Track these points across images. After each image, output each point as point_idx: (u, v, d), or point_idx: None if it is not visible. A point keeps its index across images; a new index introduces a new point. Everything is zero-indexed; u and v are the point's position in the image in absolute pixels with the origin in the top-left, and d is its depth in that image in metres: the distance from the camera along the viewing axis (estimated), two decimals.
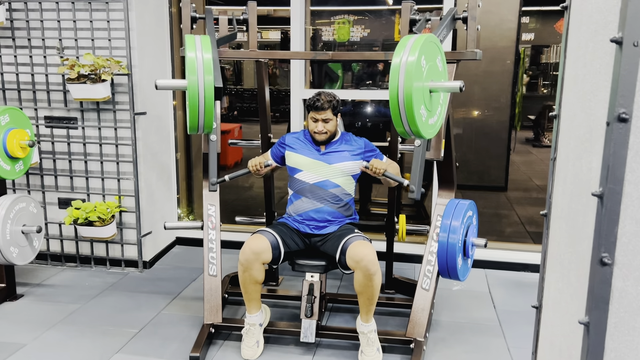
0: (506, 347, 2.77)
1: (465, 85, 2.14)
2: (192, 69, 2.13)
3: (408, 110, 2.01)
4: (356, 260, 2.44)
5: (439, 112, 2.26)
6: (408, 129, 2.07)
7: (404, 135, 2.14)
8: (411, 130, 2.07)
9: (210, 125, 2.24)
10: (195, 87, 2.12)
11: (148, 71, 3.61)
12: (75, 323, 2.96)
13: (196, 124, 2.21)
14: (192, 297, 3.31)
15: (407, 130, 2.08)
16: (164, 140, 3.94)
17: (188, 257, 3.97)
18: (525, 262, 3.74)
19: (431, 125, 2.19)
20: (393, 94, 2.02)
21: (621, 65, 0.86)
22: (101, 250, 3.72)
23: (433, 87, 2.15)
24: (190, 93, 2.13)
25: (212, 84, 2.13)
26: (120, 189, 3.60)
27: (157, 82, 2.22)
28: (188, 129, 2.26)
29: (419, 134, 2.09)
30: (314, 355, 2.66)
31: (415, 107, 2.01)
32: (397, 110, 2.03)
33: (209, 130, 2.26)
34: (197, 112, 2.16)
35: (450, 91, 2.18)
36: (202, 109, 2.16)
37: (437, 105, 2.23)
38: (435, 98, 2.22)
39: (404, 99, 2.00)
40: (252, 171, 2.72)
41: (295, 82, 3.72)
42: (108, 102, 3.50)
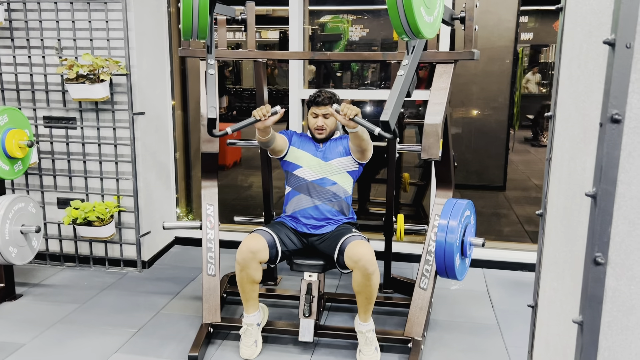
0: (504, 346, 2.78)
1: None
2: None
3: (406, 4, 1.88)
4: (354, 260, 2.45)
5: (437, 10, 2.10)
6: (407, 26, 1.89)
7: (400, 33, 1.95)
8: (410, 28, 1.89)
9: (204, 30, 2.10)
10: None
11: (147, 71, 3.61)
12: (74, 323, 2.97)
13: (190, 27, 2.08)
14: (190, 296, 3.32)
15: (406, 28, 1.90)
16: (163, 140, 3.95)
17: (187, 256, 3.98)
18: (524, 262, 3.75)
19: (430, 24, 2.02)
20: None
21: (614, 67, 0.87)
22: (100, 250, 3.73)
23: None
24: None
25: None
26: (119, 188, 3.61)
27: None
28: (182, 34, 2.14)
29: (418, 31, 1.91)
30: (312, 355, 2.67)
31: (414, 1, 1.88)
32: (395, 6, 1.86)
33: (203, 36, 2.13)
34: (191, 11, 2.04)
35: None
36: (196, 7, 2.04)
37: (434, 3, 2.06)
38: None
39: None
40: (257, 117, 2.45)
41: (294, 82, 3.72)
42: (107, 102, 3.50)
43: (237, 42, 7.42)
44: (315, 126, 2.71)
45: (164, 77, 3.92)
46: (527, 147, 6.76)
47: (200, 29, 2.10)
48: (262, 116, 2.43)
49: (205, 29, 2.10)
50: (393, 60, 2.85)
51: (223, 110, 7.85)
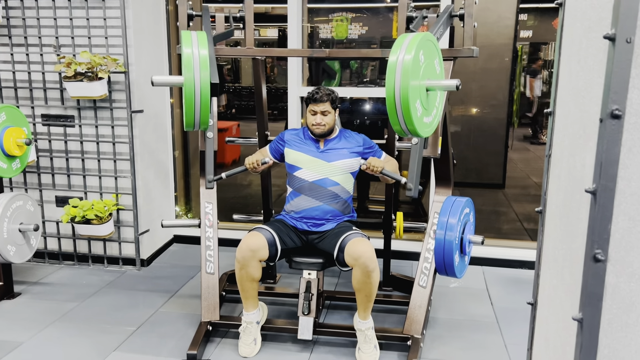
0: (503, 344, 2.77)
1: (462, 83, 2.14)
2: (188, 65, 2.13)
3: (404, 108, 2.01)
4: (354, 258, 2.44)
5: (435, 110, 2.27)
6: (404, 127, 2.08)
7: (400, 134, 2.16)
8: (407, 128, 2.09)
9: (206, 122, 2.24)
10: (191, 84, 2.12)
11: (145, 69, 3.60)
12: (72, 321, 2.96)
13: (192, 121, 2.21)
14: (189, 295, 3.31)
15: (404, 128, 2.09)
16: (161, 138, 3.94)
17: (185, 255, 3.97)
18: (523, 259, 3.75)
19: (427, 124, 2.20)
20: (390, 92, 2.03)
21: (614, 62, 0.86)
22: (99, 249, 3.72)
23: (430, 86, 2.16)
24: (186, 89, 2.13)
25: (208, 81, 2.13)
26: (118, 187, 3.60)
27: (154, 79, 2.22)
28: (184, 126, 2.26)
29: (416, 132, 2.10)
30: (311, 353, 2.66)
31: (411, 105, 2.02)
32: (394, 108, 2.04)
33: (205, 127, 2.26)
34: (193, 109, 2.17)
35: (447, 89, 2.18)
36: (197, 106, 2.16)
37: (433, 103, 2.24)
38: (432, 97, 2.22)
39: (400, 97, 2.01)
40: (249, 169, 2.71)
41: (293, 80, 3.71)
42: (105, 100, 3.49)
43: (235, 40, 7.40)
44: (313, 122, 2.70)
45: (163, 75, 3.90)
46: (527, 145, 6.73)
47: (202, 122, 2.23)
48: (252, 169, 2.70)
49: (207, 122, 2.25)
50: None
51: (222, 108, 7.84)
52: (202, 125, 2.25)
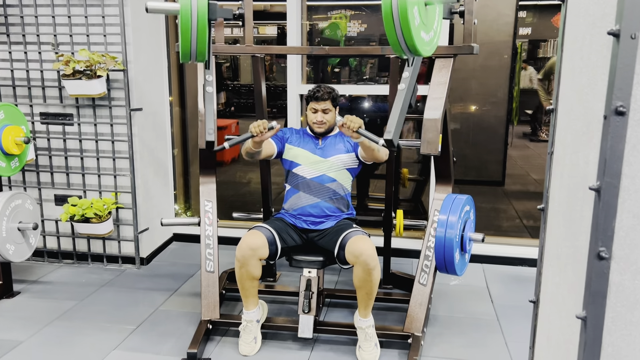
0: (504, 341, 2.77)
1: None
2: None
3: (403, 21, 1.85)
4: (355, 255, 2.44)
5: (435, 27, 2.12)
6: (403, 44, 1.91)
7: (399, 53, 1.99)
8: (407, 45, 1.92)
9: (203, 53, 2.09)
10: (187, 7, 1.98)
11: (144, 67, 3.59)
12: (72, 320, 2.95)
13: (189, 50, 2.06)
14: (189, 293, 3.31)
15: (403, 46, 1.92)
16: (161, 137, 3.93)
17: (185, 253, 3.96)
18: (523, 257, 3.74)
19: (427, 42, 2.05)
20: (387, 5, 1.87)
21: (618, 58, 0.85)
22: (98, 247, 3.71)
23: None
24: (183, 13, 2.00)
25: (205, 4, 2.02)
26: (117, 185, 3.59)
27: (148, 5, 2.03)
28: (180, 57, 2.11)
29: (415, 49, 1.93)
30: (311, 351, 2.66)
31: (410, 18, 1.83)
32: (392, 23, 1.87)
33: (202, 58, 2.11)
34: (190, 35, 2.02)
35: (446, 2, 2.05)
36: (194, 32, 2.02)
37: (432, 19, 2.09)
38: (431, 12, 2.07)
39: (398, 9, 1.84)
40: (254, 133, 2.47)
41: (292, 78, 3.70)
42: (104, 98, 3.48)
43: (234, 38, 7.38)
44: (314, 120, 2.70)
45: (162, 73, 3.90)
46: (526, 142, 6.74)
47: (199, 53, 2.08)
48: (258, 132, 2.45)
49: (204, 53, 2.07)
50: (392, 54, 2.83)
51: (221, 106, 7.83)
52: (199, 56, 2.09)
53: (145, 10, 2.08)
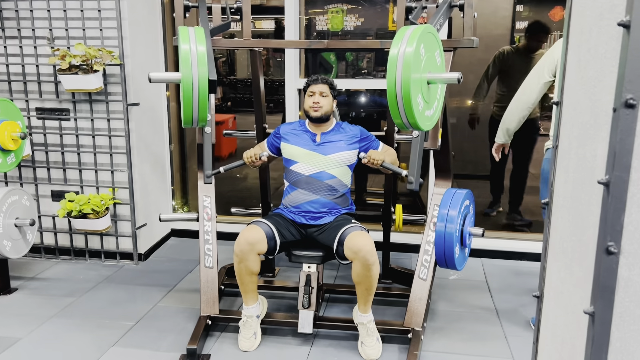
0: (503, 335, 2.77)
1: (461, 73, 2.13)
2: (186, 62, 2.11)
3: (406, 101, 2.01)
4: (354, 251, 2.42)
5: (436, 103, 2.26)
6: (406, 120, 2.08)
7: (401, 127, 2.15)
8: (409, 122, 2.08)
9: (204, 118, 2.22)
10: (189, 80, 2.11)
11: (140, 61, 3.56)
12: (70, 316, 2.94)
13: (190, 117, 2.20)
14: (188, 289, 3.29)
15: (405, 122, 2.09)
16: (158, 132, 3.90)
17: (183, 249, 3.94)
18: (522, 251, 3.74)
19: (429, 117, 2.20)
20: (391, 85, 2.02)
21: (629, 50, 0.84)
22: (96, 243, 3.69)
23: (431, 79, 2.15)
24: (185, 86, 2.11)
25: (206, 77, 2.12)
26: (114, 180, 3.57)
27: (151, 75, 2.20)
28: (182, 123, 2.25)
29: (417, 125, 2.10)
30: (311, 346, 2.65)
31: (413, 98, 2.01)
32: (395, 102, 2.04)
33: (203, 123, 2.26)
34: (191, 106, 2.16)
35: (448, 82, 2.16)
36: (196, 102, 2.15)
37: (434, 97, 2.23)
38: (433, 90, 2.22)
39: (401, 91, 2.00)
40: (247, 163, 2.69)
41: (290, 72, 3.68)
42: (100, 93, 3.45)
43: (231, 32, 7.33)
44: (311, 104, 2.69)
45: (158, 68, 3.87)
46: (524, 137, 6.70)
47: (201, 118, 2.21)
48: (250, 163, 2.69)
49: (206, 119, 2.23)
50: None
51: (218, 101, 7.79)
52: (200, 121, 2.23)
53: (149, 80, 2.21)
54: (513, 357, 2.57)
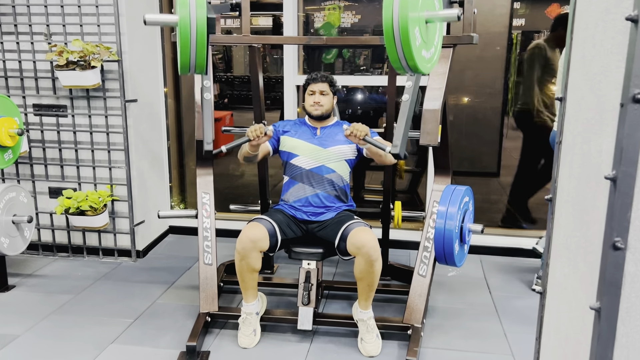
0: (503, 332, 2.77)
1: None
2: (183, 3, 2.00)
3: (404, 40, 1.85)
4: (358, 247, 2.42)
5: (435, 44, 2.12)
6: (404, 62, 1.92)
7: (399, 70, 1.98)
8: (407, 63, 1.92)
9: (202, 65, 2.06)
10: (186, 20, 1.96)
11: (138, 57, 3.55)
12: (68, 313, 2.93)
13: (187, 62, 2.03)
14: (186, 286, 3.29)
15: (404, 64, 1.93)
16: (156, 128, 3.89)
17: (181, 245, 3.94)
18: (520, 247, 3.75)
19: (428, 59, 2.05)
20: (387, 23, 1.85)
21: (637, 44, 0.84)
22: (93, 240, 3.68)
23: (429, 17, 2.00)
24: (182, 27, 1.98)
25: (205, 19, 1.98)
26: (112, 177, 3.55)
27: (146, 17, 2.04)
28: (179, 69, 2.08)
29: (416, 67, 1.94)
30: (311, 343, 2.65)
31: (411, 37, 1.86)
32: (392, 41, 1.87)
33: (201, 70, 2.09)
34: (189, 48, 1.99)
35: (447, 20, 2.03)
36: (194, 45, 1.99)
37: (433, 37, 2.09)
38: (432, 30, 2.07)
39: (399, 28, 1.84)
40: (251, 138, 2.49)
41: (289, 68, 3.67)
42: (98, 90, 3.44)
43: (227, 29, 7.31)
44: (311, 102, 2.69)
45: (156, 64, 3.86)
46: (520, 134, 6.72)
47: (198, 66, 2.06)
48: (255, 137, 2.47)
49: (204, 66, 2.06)
50: None
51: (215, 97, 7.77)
52: (198, 68, 2.07)
53: (144, 23, 2.05)
54: (512, 354, 2.58)
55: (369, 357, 2.52)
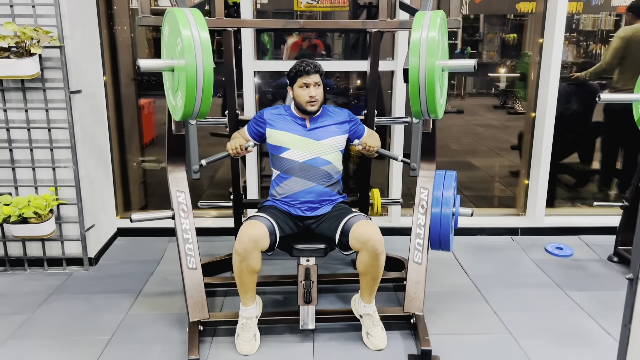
0: (492, 311, 2.84)
1: None
2: (189, 50, 1.87)
3: (429, 89, 1.97)
4: (362, 241, 2.34)
5: (445, 90, 2.24)
6: (425, 107, 2.03)
7: (417, 115, 2.10)
8: (427, 109, 2.03)
9: (206, 112, 2.00)
10: (193, 69, 1.87)
11: (81, 43, 3.16)
12: (29, 337, 2.57)
13: (191, 111, 1.96)
14: (156, 292, 3.02)
15: (424, 109, 2.05)
16: (99, 122, 3.51)
17: (134, 249, 3.62)
18: (481, 227, 3.87)
19: (442, 104, 2.18)
20: (414, 72, 1.96)
21: None
22: (35, 250, 3.26)
23: (446, 66, 2.10)
24: (189, 75, 1.88)
25: (211, 66, 1.90)
26: (56, 179, 3.16)
27: (141, 63, 1.95)
28: (180, 116, 1.99)
29: (435, 113, 2.05)
30: (313, 342, 2.54)
31: (436, 86, 1.96)
32: (417, 89, 1.98)
33: (202, 117, 2.02)
34: (195, 98, 1.92)
35: (464, 70, 2.12)
36: (199, 94, 1.91)
37: (444, 83, 2.21)
38: (445, 77, 2.19)
39: (425, 78, 1.96)
40: (232, 155, 2.47)
41: (248, 54, 3.46)
42: (35, 80, 3.02)
43: None
44: (307, 98, 2.52)
45: (96, 50, 3.47)
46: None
47: (202, 112, 1.98)
48: (235, 154, 2.46)
49: (207, 112, 2.00)
50: (373, 28, 2.73)
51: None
52: (200, 116, 2.00)
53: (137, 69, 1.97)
54: (509, 332, 2.64)
55: (377, 351, 2.47)
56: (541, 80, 3.71)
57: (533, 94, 3.81)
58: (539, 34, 3.70)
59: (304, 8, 3.65)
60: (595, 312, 2.81)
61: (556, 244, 3.65)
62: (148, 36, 4.26)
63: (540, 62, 3.71)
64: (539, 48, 3.71)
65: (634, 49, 3.84)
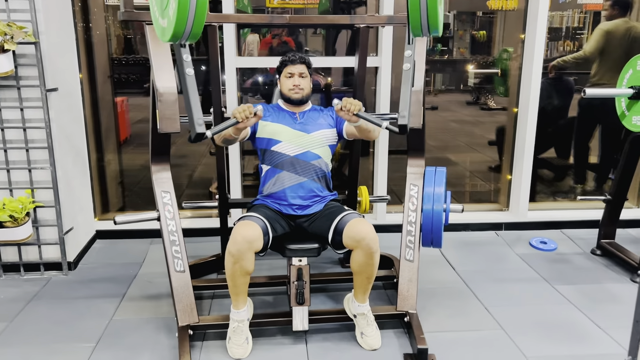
0: (483, 307, 2.83)
1: None
2: None
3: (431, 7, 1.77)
4: (357, 240, 2.30)
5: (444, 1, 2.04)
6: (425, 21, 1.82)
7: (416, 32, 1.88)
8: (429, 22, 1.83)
9: (198, 34, 1.78)
10: None
11: (56, 39, 3.04)
12: (10, 345, 2.45)
13: (182, 29, 1.73)
14: (141, 296, 2.93)
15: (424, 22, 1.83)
16: (76, 120, 3.39)
17: (115, 251, 3.50)
18: (465, 222, 3.87)
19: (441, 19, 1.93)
20: None
21: None
22: (10, 255, 3.13)
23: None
24: None
25: None
26: (32, 180, 3.03)
27: None
28: (169, 35, 1.76)
29: (437, 27, 1.85)
30: (306, 344, 2.49)
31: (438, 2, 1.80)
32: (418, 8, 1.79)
33: (194, 39, 1.81)
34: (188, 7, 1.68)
35: None
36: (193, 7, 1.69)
37: None
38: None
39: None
40: (239, 119, 2.16)
41: (230, 51, 3.38)
42: (8, 78, 2.89)
43: None
44: (290, 86, 2.50)
45: (72, 47, 3.34)
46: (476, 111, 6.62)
47: (194, 33, 1.76)
48: (244, 118, 2.16)
49: (199, 33, 1.77)
50: (362, 24, 2.69)
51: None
52: (192, 37, 1.78)
53: None
54: (502, 327, 2.64)
55: (372, 350, 2.43)
56: (523, 75, 3.73)
57: (515, 90, 3.83)
58: (520, 30, 3.72)
59: (276, 5, 3.59)
60: (583, 306, 2.84)
61: (540, 238, 3.69)
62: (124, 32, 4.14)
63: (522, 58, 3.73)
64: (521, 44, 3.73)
65: (612, 45, 3.90)
